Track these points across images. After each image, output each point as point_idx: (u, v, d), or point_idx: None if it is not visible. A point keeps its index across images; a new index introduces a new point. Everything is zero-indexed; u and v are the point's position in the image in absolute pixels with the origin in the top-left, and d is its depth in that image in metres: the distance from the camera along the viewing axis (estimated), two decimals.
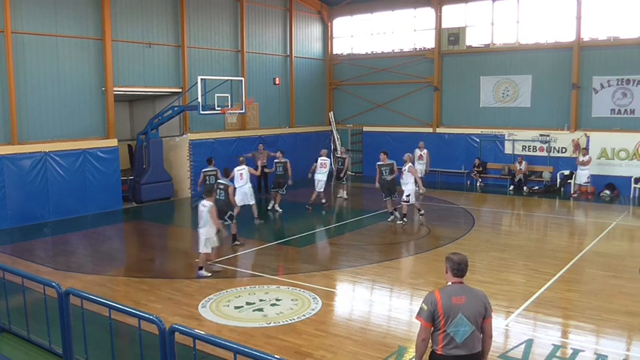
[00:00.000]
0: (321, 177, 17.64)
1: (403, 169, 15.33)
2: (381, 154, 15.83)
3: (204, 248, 10.99)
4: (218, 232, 11.32)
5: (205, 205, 10.98)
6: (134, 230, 16.49)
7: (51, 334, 7.33)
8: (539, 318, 8.81)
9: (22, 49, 15.88)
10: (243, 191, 15.09)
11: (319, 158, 17.98)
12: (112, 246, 14.30)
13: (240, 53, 22.32)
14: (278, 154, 17.76)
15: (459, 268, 4.95)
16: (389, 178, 15.30)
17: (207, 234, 10.95)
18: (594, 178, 19.77)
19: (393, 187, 15.54)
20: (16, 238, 14.58)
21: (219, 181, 13.27)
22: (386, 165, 15.45)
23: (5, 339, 8.03)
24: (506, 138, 22.45)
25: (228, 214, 12.81)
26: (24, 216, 15.78)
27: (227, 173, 13.59)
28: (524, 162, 21.20)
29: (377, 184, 15.71)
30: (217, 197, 12.52)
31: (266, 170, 19.07)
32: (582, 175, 19.52)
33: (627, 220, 16.36)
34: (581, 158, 19.66)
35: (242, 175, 15.14)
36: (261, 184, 20.34)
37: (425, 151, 20.58)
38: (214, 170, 15.83)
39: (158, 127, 19.33)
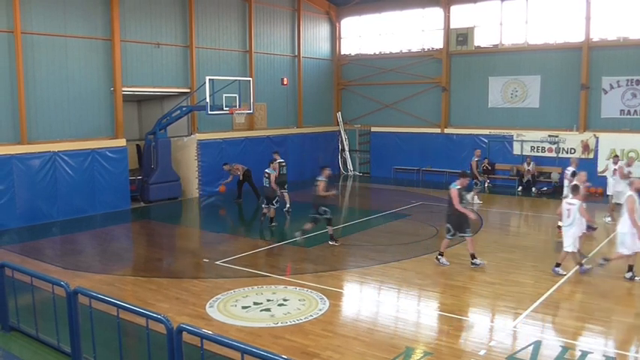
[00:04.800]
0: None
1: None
2: (274, 153, 17.27)
3: (571, 247, 10.75)
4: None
5: (574, 204, 10.76)
6: (142, 230, 16.56)
7: (59, 332, 7.36)
8: (547, 319, 8.77)
9: (31, 49, 15.98)
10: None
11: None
12: (120, 245, 14.37)
13: (248, 53, 22.35)
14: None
15: None
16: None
17: (577, 233, 10.81)
18: (602, 179, 19.52)
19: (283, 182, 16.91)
20: (25, 237, 14.68)
21: (266, 170, 15.28)
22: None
23: (14, 338, 8.08)
24: (514, 139, 22.35)
25: (275, 199, 15.10)
26: (33, 215, 15.88)
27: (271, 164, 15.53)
28: (532, 163, 21.09)
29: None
30: (263, 185, 15.18)
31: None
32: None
33: None
34: (626, 169, 16.48)
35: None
36: None
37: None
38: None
39: (166, 127, 19.40)
